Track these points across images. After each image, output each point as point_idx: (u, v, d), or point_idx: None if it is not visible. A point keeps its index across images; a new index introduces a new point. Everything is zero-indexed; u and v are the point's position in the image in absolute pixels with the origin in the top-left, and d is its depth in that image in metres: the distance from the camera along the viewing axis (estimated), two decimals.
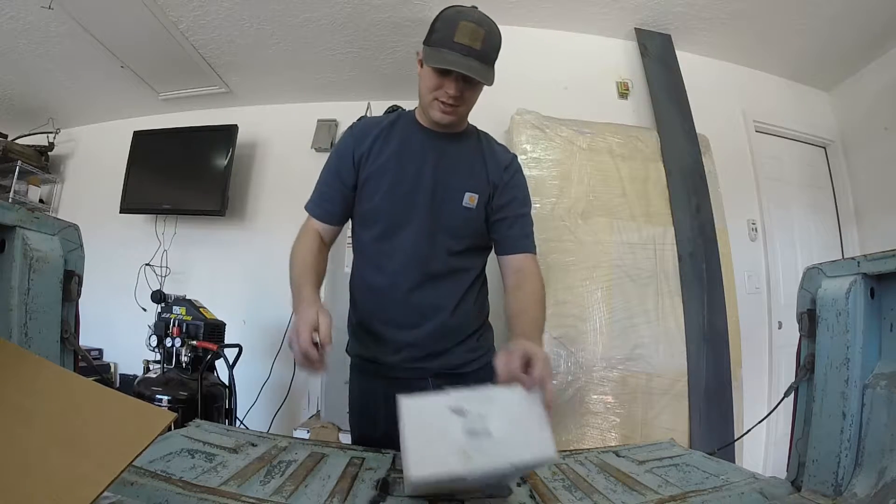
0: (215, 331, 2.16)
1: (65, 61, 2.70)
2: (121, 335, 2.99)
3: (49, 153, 3.38)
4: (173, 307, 2.13)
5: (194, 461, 0.76)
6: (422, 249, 1.02)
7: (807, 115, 2.81)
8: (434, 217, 1.02)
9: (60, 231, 0.77)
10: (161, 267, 3.11)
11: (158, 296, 2.23)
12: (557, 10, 2.31)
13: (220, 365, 2.10)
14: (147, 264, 3.07)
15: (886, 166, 2.55)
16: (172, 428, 0.86)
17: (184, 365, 2.04)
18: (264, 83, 3.02)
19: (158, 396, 1.95)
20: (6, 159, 3.13)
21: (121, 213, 3.13)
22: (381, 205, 1.02)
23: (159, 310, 2.18)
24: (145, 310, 2.85)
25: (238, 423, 2.17)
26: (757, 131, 2.64)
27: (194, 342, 2.05)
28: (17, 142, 3.26)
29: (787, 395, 0.89)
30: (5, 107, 3.17)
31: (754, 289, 2.45)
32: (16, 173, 3.13)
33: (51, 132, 3.33)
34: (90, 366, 0.86)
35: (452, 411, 0.70)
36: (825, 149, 2.88)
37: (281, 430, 2.62)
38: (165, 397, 1.96)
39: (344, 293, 1.19)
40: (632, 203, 2.07)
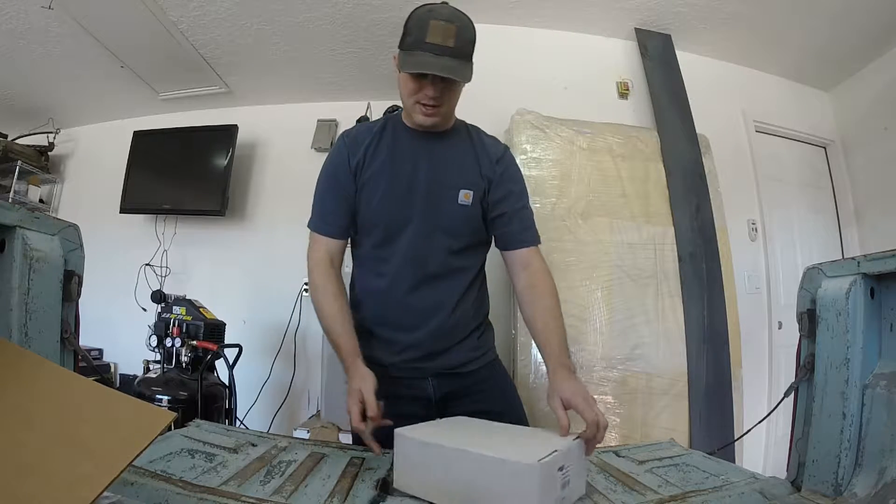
0: (215, 331, 2.15)
1: (65, 61, 2.70)
2: (121, 335, 2.99)
3: (49, 153, 3.38)
4: (173, 307, 2.12)
5: (194, 461, 0.76)
6: (420, 251, 1.02)
7: (807, 115, 2.81)
8: (431, 217, 1.02)
9: (60, 231, 0.76)
10: (161, 267, 3.11)
11: (158, 296, 2.23)
12: (557, 10, 2.31)
13: (220, 365, 2.10)
14: (147, 264, 3.07)
15: (886, 166, 2.55)
16: (172, 428, 0.86)
17: (184, 365, 2.04)
18: (264, 83, 3.02)
19: (158, 396, 1.95)
20: (6, 159, 3.13)
21: (121, 213, 3.13)
22: (378, 211, 1.02)
23: (159, 310, 2.18)
24: (145, 310, 2.85)
25: (238, 423, 2.17)
26: (757, 131, 2.64)
27: (194, 342, 2.05)
28: (17, 142, 3.26)
29: (787, 395, 0.89)
30: (5, 107, 3.17)
31: (754, 289, 2.44)
32: (16, 173, 3.13)
33: (51, 132, 3.32)
34: (90, 366, 0.86)
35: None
36: (825, 149, 2.87)
37: (281, 430, 2.62)
38: (165, 397, 1.95)
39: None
40: (632, 203, 2.07)
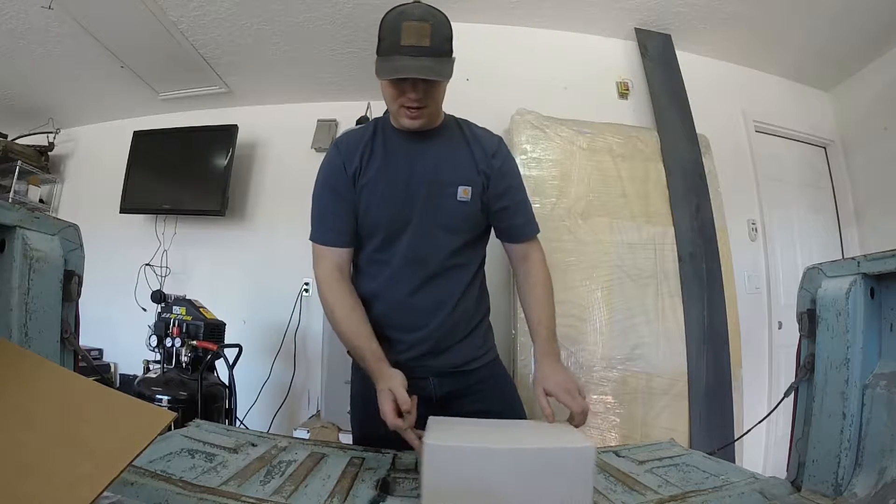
0: (215, 331, 2.15)
1: (65, 61, 2.70)
2: (121, 335, 2.99)
3: (49, 153, 3.38)
4: (173, 307, 2.12)
5: (194, 461, 0.76)
6: (420, 251, 1.02)
7: (807, 115, 2.81)
8: (431, 217, 1.02)
9: (60, 231, 0.76)
10: (161, 267, 3.11)
11: (158, 296, 2.23)
12: (557, 10, 2.30)
13: (220, 365, 2.10)
14: (147, 264, 3.07)
15: (886, 166, 2.55)
16: (172, 428, 0.86)
17: (184, 365, 2.04)
18: (264, 83, 3.02)
19: (158, 396, 1.95)
20: (6, 159, 3.13)
21: (121, 213, 3.12)
22: (378, 216, 1.02)
23: (159, 310, 2.18)
24: (145, 310, 2.85)
25: (238, 423, 2.17)
26: (757, 131, 2.64)
27: (194, 342, 2.05)
28: (17, 142, 3.26)
29: (787, 395, 0.89)
30: (5, 107, 3.17)
31: (754, 289, 2.44)
32: (16, 173, 3.13)
33: (51, 132, 3.32)
34: (90, 366, 0.86)
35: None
36: (825, 149, 2.87)
37: (281, 430, 2.62)
38: (165, 397, 1.95)
39: None
40: (632, 203, 2.07)
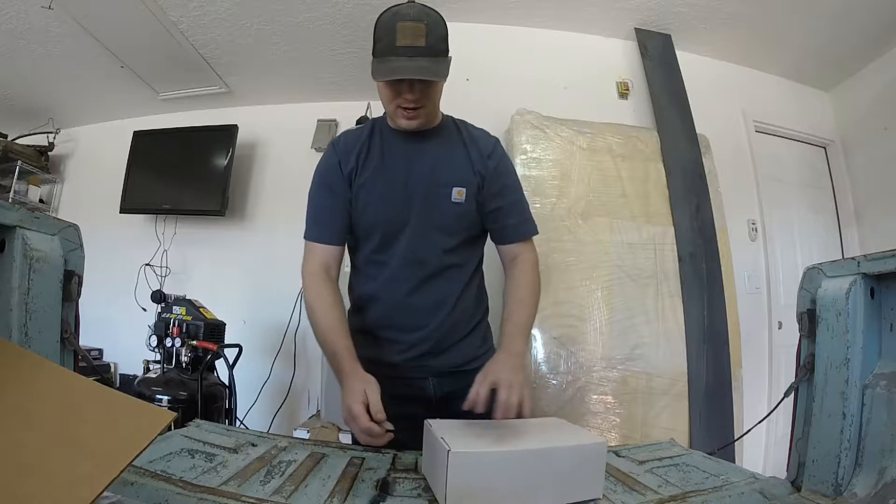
0: (215, 331, 2.15)
1: (65, 61, 2.70)
2: (121, 335, 2.99)
3: (49, 153, 3.38)
4: (173, 307, 2.12)
5: (194, 461, 0.75)
6: (417, 252, 1.02)
7: (807, 115, 2.81)
8: (426, 217, 1.02)
9: (60, 231, 0.76)
10: (161, 267, 3.11)
11: (158, 296, 2.23)
12: (557, 9, 2.31)
13: (220, 365, 2.10)
14: (147, 264, 3.07)
15: (886, 166, 2.55)
16: (172, 428, 0.86)
17: (184, 365, 2.04)
18: (264, 83, 3.02)
19: (158, 396, 1.95)
20: (6, 159, 3.13)
21: (121, 213, 3.13)
22: (375, 217, 1.02)
23: (159, 310, 2.18)
24: (145, 310, 2.85)
25: (238, 423, 2.17)
26: (757, 131, 2.64)
27: (194, 342, 2.05)
28: (17, 142, 3.26)
29: (787, 395, 0.89)
30: (5, 107, 3.17)
31: (754, 289, 2.44)
32: (16, 173, 3.13)
33: (51, 132, 3.33)
34: (90, 366, 0.86)
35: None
36: (825, 149, 2.87)
37: (281, 430, 2.62)
38: (165, 397, 1.95)
39: (343, 292, 1.19)
40: (632, 203, 2.07)
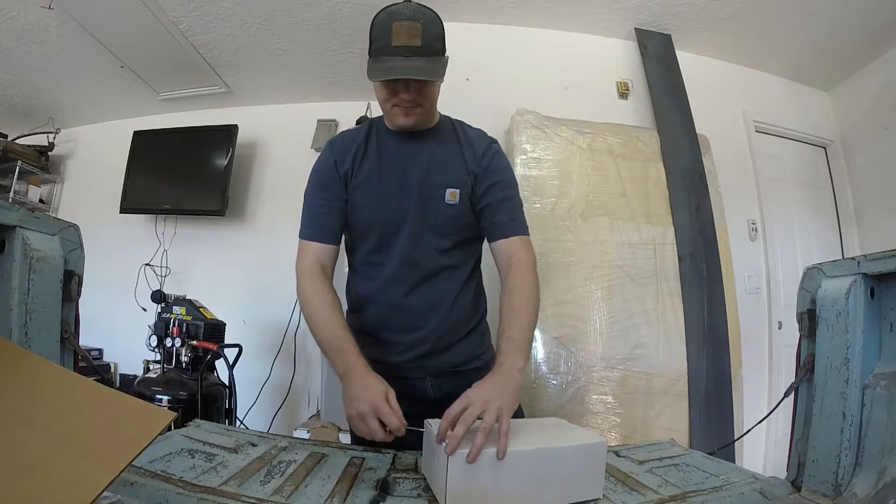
0: (215, 331, 2.15)
1: (65, 61, 2.70)
2: (121, 335, 2.99)
3: (49, 153, 3.38)
4: (173, 307, 2.12)
5: (194, 461, 0.76)
6: (413, 253, 1.02)
7: (807, 115, 2.81)
8: (421, 219, 1.02)
9: (60, 231, 0.76)
10: (161, 267, 3.11)
11: (158, 296, 2.23)
12: (557, 10, 2.31)
13: (220, 365, 2.10)
14: (147, 264, 3.07)
15: (886, 166, 2.55)
16: (172, 428, 0.86)
17: (184, 365, 2.04)
18: (264, 83, 3.02)
19: (158, 396, 1.95)
20: (6, 159, 3.12)
21: (121, 213, 3.13)
22: (372, 217, 1.02)
23: (159, 310, 2.18)
24: (145, 310, 2.85)
25: (238, 423, 2.17)
26: (757, 131, 2.64)
27: (194, 342, 2.05)
28: (17, 142, 3.26)
29: (787, 395, 0.89)
30: (5, 107, 3.17)
31: (754, 289, 2.45)
32: (16, 173, 3.13)
33: (51, 132, 3.32)
34: (90, 366, 0.86)
35: None
36: (825, 149, 2.88)
37: (281, 430, 2.62)
38: (165, 397, 1.95)
39: (341, 292, 1.19)
40: (632, 203, 2.07)
